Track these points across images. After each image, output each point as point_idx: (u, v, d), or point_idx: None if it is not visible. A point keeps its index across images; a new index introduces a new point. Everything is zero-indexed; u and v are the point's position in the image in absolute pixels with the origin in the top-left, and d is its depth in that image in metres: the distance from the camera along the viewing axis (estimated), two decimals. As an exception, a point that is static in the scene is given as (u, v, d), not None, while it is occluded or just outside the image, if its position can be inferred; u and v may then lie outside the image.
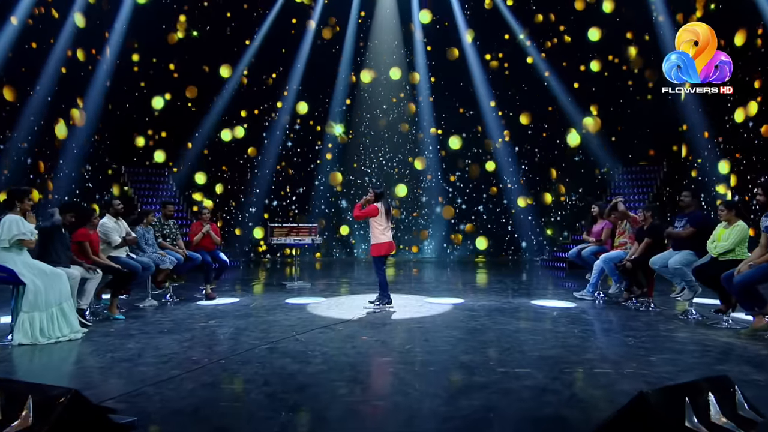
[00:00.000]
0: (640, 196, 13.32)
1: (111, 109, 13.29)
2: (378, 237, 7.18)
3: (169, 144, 14.82)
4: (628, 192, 13.82)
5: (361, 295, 8.45)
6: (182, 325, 6.10)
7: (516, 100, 15.48)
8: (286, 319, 6.48)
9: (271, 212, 15.71)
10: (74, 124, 12.28)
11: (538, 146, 15.73)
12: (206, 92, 14.90)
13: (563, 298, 8.16)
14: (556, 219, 15.64)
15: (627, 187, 14.14)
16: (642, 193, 13.54)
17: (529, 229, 15.72)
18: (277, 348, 5.01)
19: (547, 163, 15.68)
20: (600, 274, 7.72)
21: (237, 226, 15.57)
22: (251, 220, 15.57)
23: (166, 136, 14.85)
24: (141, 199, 13.33)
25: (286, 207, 15.96)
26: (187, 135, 14.79)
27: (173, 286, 8.05)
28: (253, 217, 15.58)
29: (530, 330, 5.80)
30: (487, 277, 11.36)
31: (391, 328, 5.95)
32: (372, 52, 15.88)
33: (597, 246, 8.02)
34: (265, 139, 15.49)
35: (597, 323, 6.30)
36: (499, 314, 6.77)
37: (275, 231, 9.93)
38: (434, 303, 7.73)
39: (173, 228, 8.14)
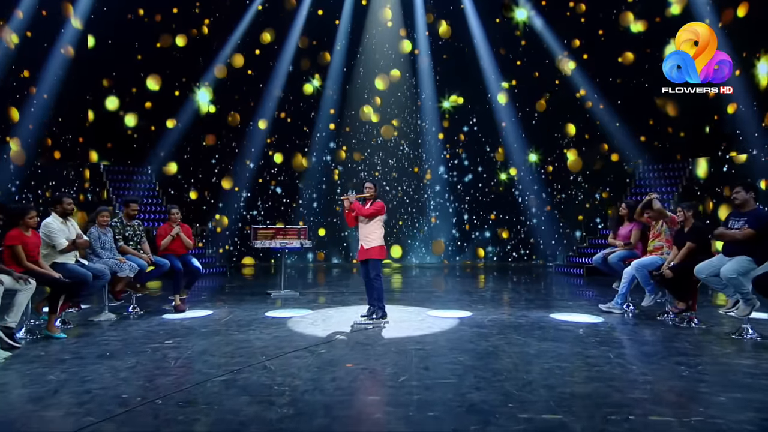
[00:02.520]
0: (665, 196, 12.21)
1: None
2: (382, 238, 6.25)
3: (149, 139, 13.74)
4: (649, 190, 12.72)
5: (353, 306, 7.42)
6: (132, 346, 5.08)
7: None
8: (259, 338, 5.45)
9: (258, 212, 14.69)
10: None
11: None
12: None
13: (586, 310, 7.10)
14: (575, 220, 14.52)
15: (651, 186, 13.04)
16: (666, 192, 12.43)
17: (542, 230, 14.62)
18: (237, 380, 3.97)
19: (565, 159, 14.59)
20: (630, 284, 6.65)
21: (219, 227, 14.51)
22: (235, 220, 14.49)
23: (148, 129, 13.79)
24: (119, 200, 12.31)
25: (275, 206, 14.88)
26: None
27: (136, 297, 7.04)
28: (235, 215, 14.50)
29: (554, 354, 4.75)
30: (497, 285, 10.29)
31: (384, 351, 4.91)
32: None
33: (626, 251, 6.96)
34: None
35: (634, 344, 5.24)
36: (513, 331, 5.72)
37: (259, 233, 8.90)
38: (436, 317, 6.69)
39: (137, 230, 7.13)
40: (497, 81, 14.51)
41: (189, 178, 14.34)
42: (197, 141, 14.21)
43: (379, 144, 15.16)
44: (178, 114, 13.80)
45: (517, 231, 14.97)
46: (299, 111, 14.74)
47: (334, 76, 14.70)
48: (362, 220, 6.24)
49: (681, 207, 6.19)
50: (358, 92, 14.98)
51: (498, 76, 14.49)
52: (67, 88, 11.64)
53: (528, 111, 14.69)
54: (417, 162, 15.13)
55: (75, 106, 12.35)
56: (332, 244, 15.04)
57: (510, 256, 14.94)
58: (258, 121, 14.35)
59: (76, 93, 12.18)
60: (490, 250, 15.05)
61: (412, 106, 15.09)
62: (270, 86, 14.28)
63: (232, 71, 14.21)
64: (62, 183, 11.89)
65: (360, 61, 14.88)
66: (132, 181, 13.28)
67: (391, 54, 14.95)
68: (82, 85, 12.31)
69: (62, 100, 11.64)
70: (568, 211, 14.52)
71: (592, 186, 14.37)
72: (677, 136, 12.99)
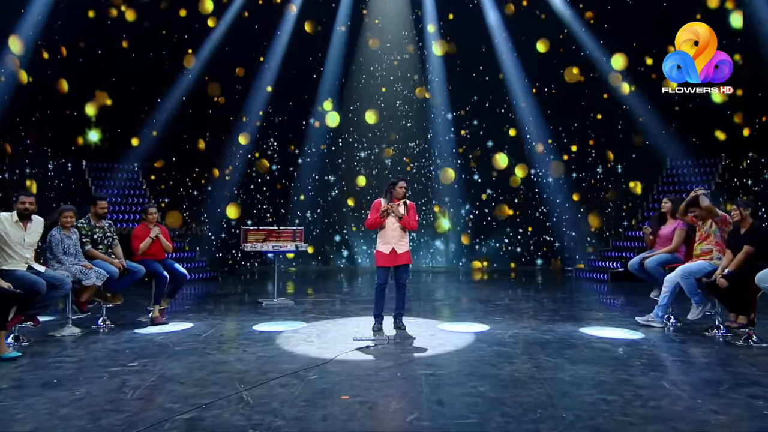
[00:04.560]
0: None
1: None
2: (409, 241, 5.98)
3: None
4: (678, 188, 11.97)
5: (354, 318, 6.70)
6: (87, 370, 4.36)
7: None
8: (241, 359, 4.72)
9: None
10: None
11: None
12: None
13: (619, 323, 6.34)
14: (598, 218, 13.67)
15: (675, 183, 12.29)
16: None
17: (561, 230, 13.79)
18: (204, 420, 3.25)
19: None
20: (673, 293, 5.87)
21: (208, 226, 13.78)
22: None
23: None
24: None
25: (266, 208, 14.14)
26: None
27: (107, 308, 6.33)
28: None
29: (595, 381, 4.00)
30: (513, 293, 9.52)
31: (389, 377, 4.18)
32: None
33: (667, 254, 6.19)
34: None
35: (689, 369, 4.47)
36: (540, 350, 4.98)
37: (249, 236, 8.18)
38: (449, 331, 5.96)
39: (108, 231, 6.42)
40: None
41: (176, 173, 13.66)
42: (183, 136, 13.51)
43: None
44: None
45: (534, 231, 14.10)
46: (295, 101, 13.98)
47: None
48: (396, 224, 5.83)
49: (737, 205, 5.43)
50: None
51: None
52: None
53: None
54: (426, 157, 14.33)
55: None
56: (332, 246, 14.31)
57: (524, 259, 14.11)
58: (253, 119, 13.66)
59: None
60: (503, 252, 14.23)
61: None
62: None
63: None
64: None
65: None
66: (115, 179, 12.54)
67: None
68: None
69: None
70: (591, 208, 13.68)
71: (619, 181, 13.55)
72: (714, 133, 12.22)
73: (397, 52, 14.08)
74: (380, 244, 5.86)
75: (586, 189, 13.68)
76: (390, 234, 5.81)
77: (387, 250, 5.80)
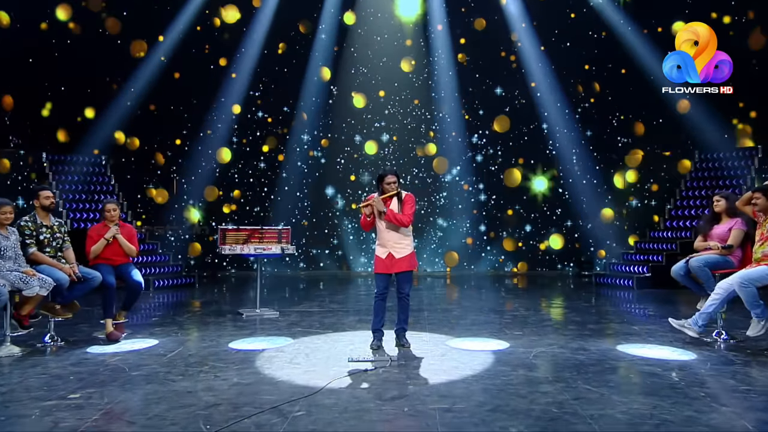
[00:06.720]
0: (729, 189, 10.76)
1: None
2: (412, 243, 5.32)
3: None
4: (709, 185, 11.31)
5: (349, 332, 6.00)
6: (13, 405, 3.63)
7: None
8: (210, 388, 4.01)
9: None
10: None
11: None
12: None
13: (660, 339, 5.66)
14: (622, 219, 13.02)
15: (706, 178, 11.63)
16: (727, 186, 10.97)
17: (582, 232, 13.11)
18: (148, 482, 2.54)
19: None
20: (724, 303, 5.19)
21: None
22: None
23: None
24: (64, 195, 10.79)
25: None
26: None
27: (55, 322, 5.60)
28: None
29: (659, 420, 3.30)
30: (529, 301, 8.82)
31: (393, 414, 3.48)
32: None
33: (718, 256, 5.51)
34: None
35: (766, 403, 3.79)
36: (577, 375, 4.29)
37: (228, 236, 7.47)
38: (462, 349, 5.26)
39: (58, 231, 5.69)
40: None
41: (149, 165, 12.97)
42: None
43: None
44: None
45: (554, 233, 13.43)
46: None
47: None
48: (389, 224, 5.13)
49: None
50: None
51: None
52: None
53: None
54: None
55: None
56: (324, 248, 13.58)
57: (540, 263, 13.42)
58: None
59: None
60: (515, 256, 13.53)
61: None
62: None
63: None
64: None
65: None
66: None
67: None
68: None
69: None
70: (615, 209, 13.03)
71: (641, 178, 12.92)
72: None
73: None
74: (377, 248, 5.24)
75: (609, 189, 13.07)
76: (385, 235, 5.15)
77: (384, 254, 5.16)
